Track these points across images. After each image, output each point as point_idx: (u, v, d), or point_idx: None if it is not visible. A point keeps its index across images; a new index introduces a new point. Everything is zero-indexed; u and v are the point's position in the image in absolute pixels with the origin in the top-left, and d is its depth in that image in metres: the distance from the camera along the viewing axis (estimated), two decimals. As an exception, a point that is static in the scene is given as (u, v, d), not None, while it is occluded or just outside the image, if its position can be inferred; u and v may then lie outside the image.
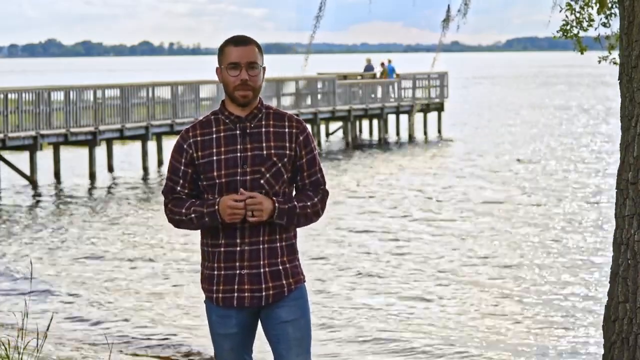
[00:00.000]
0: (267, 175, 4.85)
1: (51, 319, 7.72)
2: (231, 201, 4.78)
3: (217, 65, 4.96)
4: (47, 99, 29.38)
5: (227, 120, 4.93)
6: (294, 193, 5.01)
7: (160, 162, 33.93)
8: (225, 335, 4.98)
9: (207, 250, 4.97)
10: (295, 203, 4.87)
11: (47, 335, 7.63)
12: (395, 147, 41.03)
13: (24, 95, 28.98)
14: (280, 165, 4.87)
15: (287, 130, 4.92)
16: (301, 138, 4.93)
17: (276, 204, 4.81)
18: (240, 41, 4.91)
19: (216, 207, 4.81)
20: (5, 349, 7.46)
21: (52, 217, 23.72)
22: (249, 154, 4.87)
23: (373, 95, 43.59)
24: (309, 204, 4.89)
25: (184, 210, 4.90)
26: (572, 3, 9.07)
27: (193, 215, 4.87)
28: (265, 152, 4.87)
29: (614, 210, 6.23)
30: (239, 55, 4.86)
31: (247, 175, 4.84)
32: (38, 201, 26.61)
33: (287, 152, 4.89)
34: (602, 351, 6.31)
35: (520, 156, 35.31)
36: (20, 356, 7.43)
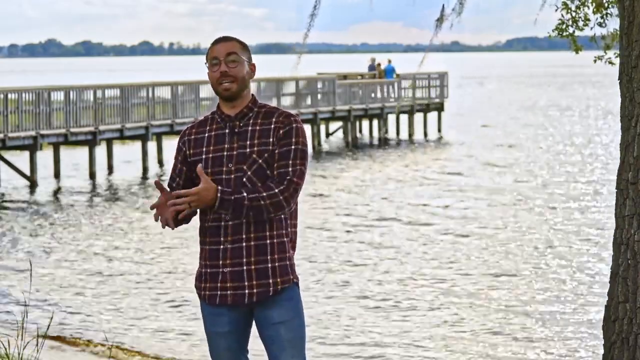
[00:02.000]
0: (249, 173, 4.84)
1: (51, 319, 7.73)
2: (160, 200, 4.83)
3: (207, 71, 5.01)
4: (47, 99, 29.38)
5: (219, 120, 4.98)
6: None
7: (160, 162, 33.93)
8: (218, 334, 4.98)
9: (200, 248, 5.02)
10: (244, 194, 4.76)
11: (47, 335, 7.62)
12: (395, 147, 41.01)
13: (24, 95, 28.97)
14: (260, 161, 4.84)
15: (272, 126, 4.90)
16: (282, 132, 4.87)
17: (218, 194, 4.75)
18: (220, 39, 4.99)
19: None
20: (5, 349, 7.46)
21: (51, 217, 23.71)
22: (235, 152, 4.88)
23: (373, 95, 43.59)
24: (264, 194, 4.77)
25: None
26: (568, 2, 9.08)
27: None
28: (248, 150, 4.87)
29: (614, 210, 6.22)
30: (218, 50, 4.92)
31: (231, 174, 4.86)
32: (38, 201, 26.61)
33: (270, 147, 4.86)
34: (602, 351, 6.31)
35: (518, 155, 35.35)
36: (20, 356, 7.43)
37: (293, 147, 4.86)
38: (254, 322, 5.01)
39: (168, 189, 4.91)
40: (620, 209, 6.14)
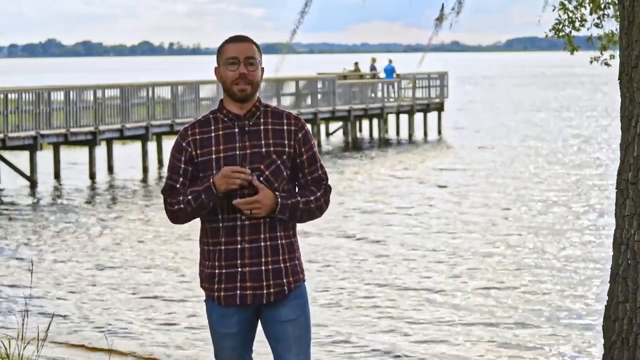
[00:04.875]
0: (267, 173, 4.87)
1: (51, 319, 7.73)
2: (229, 172, 4.77)
3: (216, 65, 4.98)
4: (47, 99, 29.38)
5: (225, 119, 4.95)
6: (296, 189, 5.02)
7: (160, 162, 33.92)
8: (226, 335, 4.98)
9: (207, 249, 4.97)
10: (299, 198, 4.89)
11: (47, 335, 7.63)
12: (395, 147, 41.02)
13: (24, 95, 28.97)
14: (279, 162, 4.88)
15: (285, 127, 4.94)
16: (300, 135, 4.95)
17: (279, 199, 4.83)
18: (238, 38, 4.96)
19: (211, 180, 4.81)
20: (6, 349, 7.46)
21: (51, 217, 23.71)
22: (248, 151, 4.88)
23: (373, 95, 43.60)
24: (312, 198, 4.92)
25: (180, 198, 4.91)
26: (566, 2, 9.09)
27: (190, 196, 4.86)
28: (264, 149, 4.88)
29: (614, 210, 6.22)
30: (238, 50, 4.90)
31: None
32: (38, 201, 26.61)
33: (287, 149, 4.90)
34: (602, 351, 6.31)
35: (519, 156, 35.36)
36: (20, 356, 7.43)
37: (315, 149, 5.00)
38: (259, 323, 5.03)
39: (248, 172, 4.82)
40: (620, 209, 6.14)
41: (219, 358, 5.06)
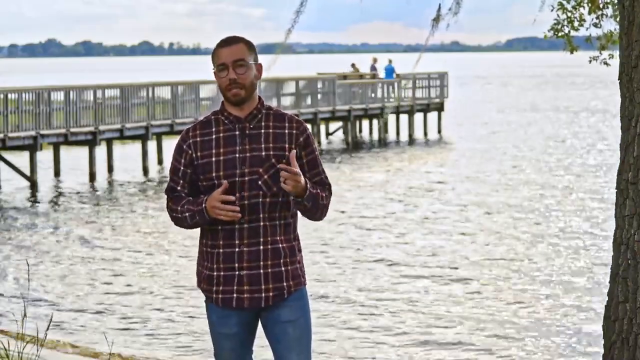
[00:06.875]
0: (265, 177, 4.83)
1: (50, 320, 7.72)
2: (218, 202, 4.77)
3: (213, 70, 4.98)
4: (47, 99, 29.37)
5: (226, 121, 4.92)
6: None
7: (160, 162, 33.92)
8: (226, 335, 4.97)
9: (205, 251, 4.96)
10: (319, 192, 4.89)
11: (47, 335, 7.62)
12: (395, 147, 41.01)
13: (24, 95, 28.97)
14: (278, 166, 4.85)
15: (287, 131, 4.90)
16: (301, 139, 4.90)
17: (309, 186, 4.82)
18: (226, 42, 4.91)
19: (203, 205, 4.81)
20: (5, 349, 7.45)
21: (51, 217, 23.71)
22: (248, 155, 4.85)
23: (373, 95, 43.60)
24: (324, 195, 4.93)
25: (179, 208, 4.92)
26: (564, 2, 9.10)
27: (187, 214, 4.88)
28: (263, 153, 4.85)
29: (614, 210, 6.21)
30: (225, 55, 4.86)
31: (245, 177, 4.83)
32: (38, 201, 26.61)
33: (287, 153, 4.86)
34: (602, 351, 6.30)
35: (518, 156, 35.35)
36: (20, 356, 7.43)
37: (316, 153, 4.96)
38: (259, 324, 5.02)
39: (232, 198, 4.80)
40: (620, 209, 6.13)
41: (219, 359, 5.05)
